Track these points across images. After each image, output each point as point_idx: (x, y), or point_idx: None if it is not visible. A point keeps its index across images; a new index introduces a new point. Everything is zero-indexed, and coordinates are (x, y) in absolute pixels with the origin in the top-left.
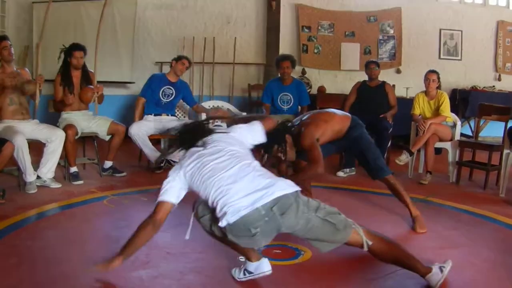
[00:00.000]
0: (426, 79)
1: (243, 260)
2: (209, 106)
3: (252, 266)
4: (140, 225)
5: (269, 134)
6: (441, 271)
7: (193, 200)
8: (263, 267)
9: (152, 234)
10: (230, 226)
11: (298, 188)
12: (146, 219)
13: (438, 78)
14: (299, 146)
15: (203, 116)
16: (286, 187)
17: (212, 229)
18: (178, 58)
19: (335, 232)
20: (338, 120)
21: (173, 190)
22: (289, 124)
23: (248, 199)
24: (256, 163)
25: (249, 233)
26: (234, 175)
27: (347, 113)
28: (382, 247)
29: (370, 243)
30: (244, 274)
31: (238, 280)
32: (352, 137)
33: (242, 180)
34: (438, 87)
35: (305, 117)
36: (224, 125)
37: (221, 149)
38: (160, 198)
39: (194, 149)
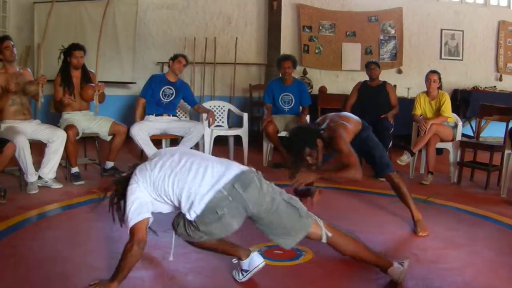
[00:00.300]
0: (427, 79)
1: (236, 261)
2: (210, 107)
3: (245, 264)
4: (125, 250)
5: (300, 138)
6: (402, 265)
7: None
8: (255, 261)
9: (140, 254)
10: (199, 217)
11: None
12: (127, 243)
13: (439, 78)
14: (330, 150)
15: (204, 116)
16: (242, 166)
17: (188, 233)
18: (175, 57)
19: (299, 219)
20: (355, 123)
21: (143, 205)
22: (320, 128)
23: (209, 184)
24: (215, 159)
25: (217, 216)
26: (195, 170)
27: (357, 117)
28: (341, 240)
29: (330, 234)
30: (242, 274)
31: (239, 281)
32: (362, 138)
33: (203, 172)
34: (439, 88)
35: (326, 121)
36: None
37: (182, 157)
38: (134, 221)
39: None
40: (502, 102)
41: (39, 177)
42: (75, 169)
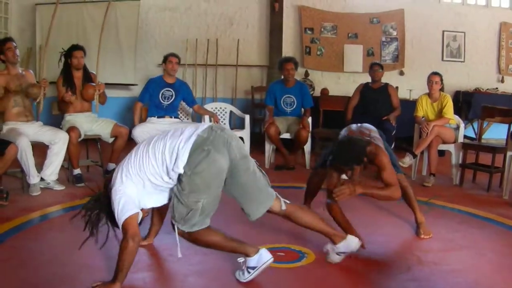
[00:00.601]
0: (429, 81)
1: (242, 260)
2: (212, 109)
3: (253, 260)
4: (121, 248)
5: (353, 153)
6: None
7: None
8: (264, 257)
9: (136, 249)
10: (187, 164)
11: None
12: (122, 241)
13: (441, 80)
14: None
15: (206, 118)
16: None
17: (183, 201)
18: (165, 59)
19: (266, 186)
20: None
21: (130, 202)
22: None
23: (188, 135)
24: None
25: (204, 152)
26: (170, 135)
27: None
28: (298, 209)
29: (288, 201)
30: (248, 272)
31: (244, 281)
32: None
33: (179, 132)
34: (441, 89)
35: (364, 137)
36: None
37: (153, 138)
38: (123, 219)
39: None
40: (504, 103)
41: (41, 179)
42: (77, 171)
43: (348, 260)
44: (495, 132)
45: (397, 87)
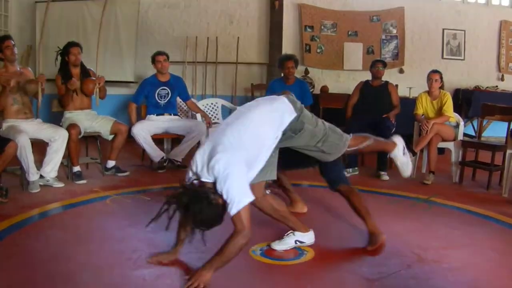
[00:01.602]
0: (429, 79)
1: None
2: (203, 105)
3: (306, 236)
4: (232, 243)
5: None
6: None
7: None
8: (312, 237)
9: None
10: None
11: None
12: (234, 235)
13: (441, 78)
14: None
15: (198, 116)
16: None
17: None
18: (152, 59)
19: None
20: None
21: (245, 186)
22: None
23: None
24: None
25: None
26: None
27: None
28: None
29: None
30: (296, 243)
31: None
32: None
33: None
34: (441, 87)
35: None
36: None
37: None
38: (244, 203)
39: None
40: (504, 101)
41: (41, 176)
42: (76, 168)
43: (347, 257)
44: (495, 130)
45: (396, 85)
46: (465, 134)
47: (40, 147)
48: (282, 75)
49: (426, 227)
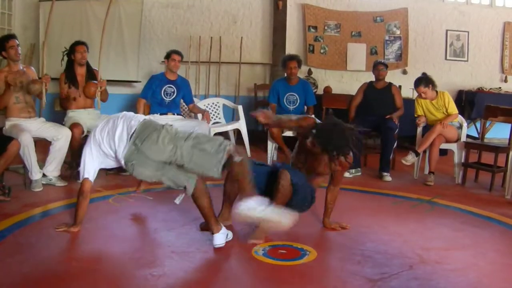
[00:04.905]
0: (419, 94)
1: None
2: (204, 105)
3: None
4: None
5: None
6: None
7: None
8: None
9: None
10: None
11: None
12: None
13: (430, 85)
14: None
15: (199, 116)
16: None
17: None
18: (168, 56)
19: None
20: None
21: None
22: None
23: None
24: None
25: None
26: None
27: None
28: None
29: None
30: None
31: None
32: None
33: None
34: (434, 88)
35: None
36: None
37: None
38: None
39: None
40: (507, 103)
41: (44, 175)
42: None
43: (349, 258)
44: (498, 132)
45: (400, 86)
46: (468, 136)
47: (43, 146)
48: (285, 75)
49: (429, 228)
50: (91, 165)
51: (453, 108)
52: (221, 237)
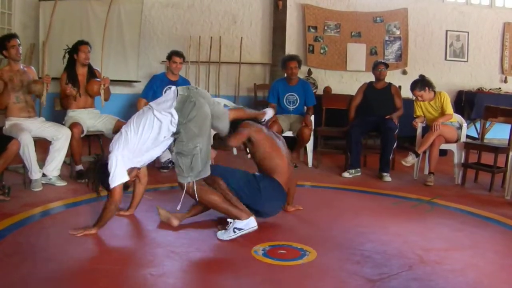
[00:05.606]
0: (415, 97)
1: (231, 221)
2: None
3: (241, 223)
4: (105, 206)
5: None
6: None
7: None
8: (251, 223)
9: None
10: (180, 116)
11: None
12: (107, 201)
13: (427, 87)
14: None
15: None
16: None
17: (181, 148)
18: (169, 57)
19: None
20: None
21: (122, 169)
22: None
23: (172, 97)
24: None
25: (191, 104)
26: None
27: None
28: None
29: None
30: (234, 232)
31: (227, 239)
32: None
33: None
34: (432, 89)
35: None
36: None
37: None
38: (114, 184)
39: None
40: (507, 104)
41: (43, 175)
42: (79, 167)
43: (349, 258)
44: (498, 132)
45: (400, 86)
46: (467, 136)
47: (42, 146)
48: (285, 75)
49: (428, 228)
50: (123, 169)
51: (448, 108)
52: (252, 219)
